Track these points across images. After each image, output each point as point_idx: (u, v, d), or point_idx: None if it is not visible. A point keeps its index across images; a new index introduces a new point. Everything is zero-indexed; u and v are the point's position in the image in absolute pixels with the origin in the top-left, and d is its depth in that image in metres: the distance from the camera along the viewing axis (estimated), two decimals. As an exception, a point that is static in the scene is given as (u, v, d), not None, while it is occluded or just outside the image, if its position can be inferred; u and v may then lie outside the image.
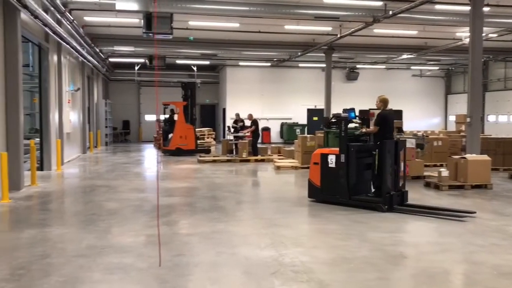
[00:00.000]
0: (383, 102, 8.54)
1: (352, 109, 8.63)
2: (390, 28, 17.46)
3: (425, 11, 14.21)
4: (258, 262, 5.20)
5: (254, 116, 18.08)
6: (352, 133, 8.69)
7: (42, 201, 9.07)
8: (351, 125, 8.83)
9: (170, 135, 19.60)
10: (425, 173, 12.00)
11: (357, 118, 9.00)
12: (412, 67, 28.67)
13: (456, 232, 6.65)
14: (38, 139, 13.28)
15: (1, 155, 8.65)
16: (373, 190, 8.51)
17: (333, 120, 8.92)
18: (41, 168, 13.09)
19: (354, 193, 8.30)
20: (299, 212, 8.05)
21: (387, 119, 8.40)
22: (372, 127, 8.50)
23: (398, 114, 28.57)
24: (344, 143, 8.27)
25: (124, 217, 7.56)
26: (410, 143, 12.13)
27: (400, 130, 13.77)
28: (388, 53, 22.84)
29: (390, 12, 13.62)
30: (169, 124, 20.18)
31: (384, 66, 27.85)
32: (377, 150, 8.19)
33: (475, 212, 7.74)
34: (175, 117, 19.94)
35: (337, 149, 8.49)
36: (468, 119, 11.66)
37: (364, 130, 8.80)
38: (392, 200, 7.99)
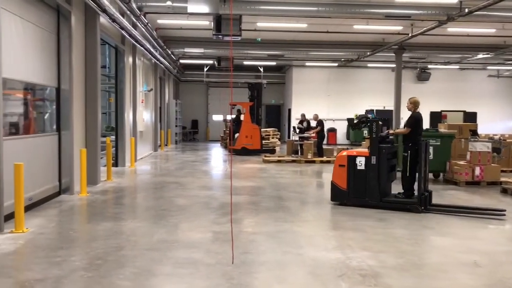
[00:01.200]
0: (414, 104, 8.66)
1: (372, 111, 8.77)
2: (465, 27, 16.68)
3: (505, 7, 13.43)
4: (324, 264, 5.18)
5: (320, 117, 17.95)
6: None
7: (116, 196, 9.55)
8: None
9: (236, 135, 19.93)
10: (502, 179, 11.34)
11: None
12: (488, 67, 27.17)
13: (536, 243, 6.27)
14: (113, 137, 14.00)
15: (81, 151, 9.21)
16: (397, 191, 8.62)
17: (356, 121, 8.96)
18: (116, 164, 13.79)
19: (383, 195, 8.31)
20: (365, 215, 7.90)
21: (420, 121, 8.55)
22: (404, 129, 8.57)
23: (472, 116, 27.29)
24: (376, 144, 8.29)
25: (192, 213, 7.80)
26: (486, 147, 11.56)
27: (474, 133, 13.12)
28: (463, 53, 21.80)
29: (466, 10, 13.02)
30: (236, 124, 20.52)
31: (457, 66, 26.62)
32: (409, 151, 8.33)
33: (505, 210, 7.85)
34: (242, 117, 20.24)
35: (363, 150, 8.62)
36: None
37: (392, 131, 8.86)
38: (426, 201, 8.10)
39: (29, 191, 7.41)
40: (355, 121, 9.25)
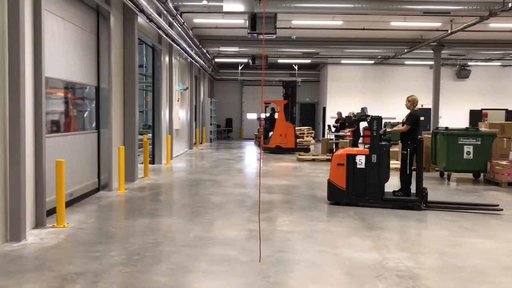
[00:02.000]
0: (413, 102, 8.68)
1: (365, 108, 8.79)
2: (508, 22, 16.12)
3: (552, 1, 12.89)
4: (361, 264, 5.11)
5: (356, 115, 17.72)
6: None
7: (153, 193, 9.71)
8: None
9: (270, 133, 19.92)
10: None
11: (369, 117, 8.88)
12: (532, 64, 26.21)
13: None
14: (150, 134, 14.25)
15: (119, 148, 9.40)
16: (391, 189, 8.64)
17: (355, 119, 8.90)
18: (152, 161, 14.03)
19: (383, 194, 8.30)
20: (403, 215, 7.76)
21: (419, 119, 8.58)
22: (403, 126, 8.55)
23: (515, 115, 26.38)
24: (376, 143, 8.25)
25: (227, 211, 7.85)
26: (530, 147, 11.14)
27: (517, 132, 12.64)
28: (505, 49, 21.07)
29: (510, 5, 12.56)
30: (270, 123, 20.52)
31: (499, 63, 25.77)
32: (408, 149, 8.36)
33: (498, 205, 8.18)
34: (276, 115, 20.22)
35: (359, 149, 8.71)
36: None
37: (389, 129, 8.89)
38: (426, 198, 8.14)
39: (69, 187, 7.63)
40: (353, 119, 9.28)
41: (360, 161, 8.28)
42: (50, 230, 6.33)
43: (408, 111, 8.72)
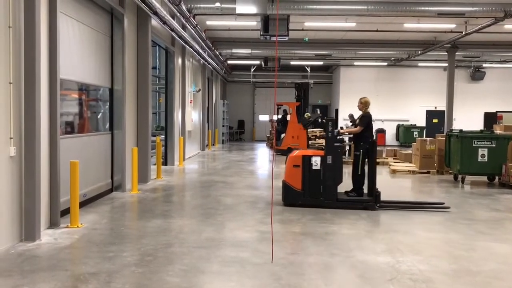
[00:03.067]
0: (365, 104, 8.81)
1: (317, 109, 9.01)
2: (524, 23, 15.93)
3: None
4: (373, 267, 5.08)
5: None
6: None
7: (166, 194, 9.75)
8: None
9: (282, 135, 19.89)
10: None
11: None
12: (549, 66, 25.82)
13: None
14: (163, 136, 14.31)
15: (132, 150, 9.46)
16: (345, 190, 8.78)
17: (312, 120, 9.02)
18: (165, 163, 14.09)
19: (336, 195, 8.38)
20: (416, 218, 7.70)
21: (371, 121, 8.77)
22: (356, 128, 8.68)
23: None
24: (332, 144, 8.30)
25: (239, 213, 7.85)
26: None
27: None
28: (521, 50, 20.83)
29: (526, 6, 12.43)
30: (282, 124, 20.49)
31: (515, 65, 25.46)
32: (361, 150, 8.48)
33: (444, 203, 8.51)
34: (288, 117, 20.19)
35: (314, 150, 8.77)
36: None
37: (342, 130, 9.00)
38: (379, 198, 8.26)
39: (83, 188, 7.69)
40: (308, 120, 9.39)
41: (316, 162, 8.30)
42: (64, 230, 6.39)
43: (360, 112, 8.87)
